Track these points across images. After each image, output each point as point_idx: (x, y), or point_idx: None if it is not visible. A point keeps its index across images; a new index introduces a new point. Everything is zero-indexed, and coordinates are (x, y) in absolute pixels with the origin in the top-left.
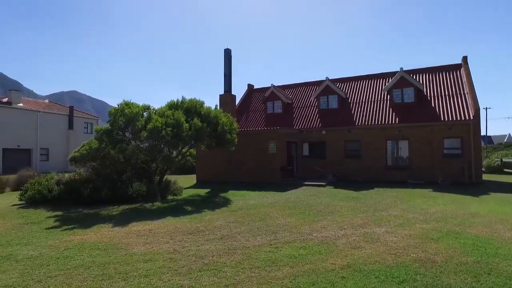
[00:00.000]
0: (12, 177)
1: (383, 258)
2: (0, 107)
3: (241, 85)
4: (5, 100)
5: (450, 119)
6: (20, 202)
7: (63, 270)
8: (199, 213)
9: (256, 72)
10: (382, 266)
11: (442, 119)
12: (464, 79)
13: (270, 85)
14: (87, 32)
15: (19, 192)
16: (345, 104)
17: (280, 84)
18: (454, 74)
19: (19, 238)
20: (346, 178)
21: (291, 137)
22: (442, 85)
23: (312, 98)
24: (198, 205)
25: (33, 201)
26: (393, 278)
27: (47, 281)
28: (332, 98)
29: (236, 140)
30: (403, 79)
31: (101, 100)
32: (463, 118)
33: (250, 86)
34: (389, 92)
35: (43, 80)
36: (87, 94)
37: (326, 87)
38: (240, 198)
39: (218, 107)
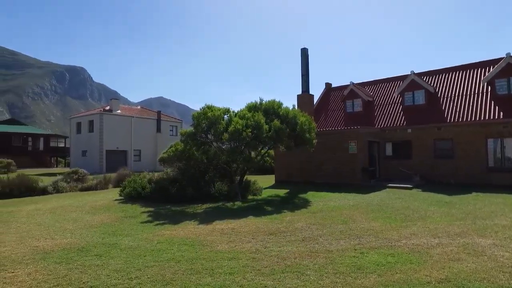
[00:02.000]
0: (113, 175)
1: (492, 275)
2: (104, 115)
3: (319, 84)
4: (107, 108)
5: None
6: (120, 198)
7: (157, 262)
8: (279, 213)
9: (333, 71)
10: (493, 286)
11: None
12: None
13: (349, 83)
14: (169, 42)
15: (119, 189)
16: (434, 100)
17: (359, 82)
18: None
19: (121, 229)
20: (436, 180)
21: (372, 136)
22: None
23: (395, 95)
24: (277, 205)
25: (130, 197)
26: None
27: (145, 270)
28: (419, 94)
29: (315, 140)
30: (510, 66)
31: (184, 105)
32: None
33: (328, 85)
34: (490, 83)
35: (135, 89)
36: (171, 99)
37: (411, 82)
38: (320, 200)
39: (296, 107)
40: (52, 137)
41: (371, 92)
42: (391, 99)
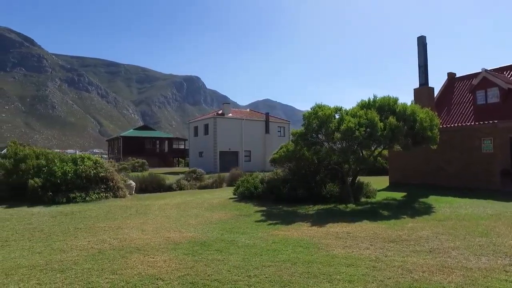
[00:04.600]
0: (226, 175)
1: None
2: (217, 118)
3: (438, 76)
4: (220, 112)
5: None
6: (233, 196)
7: (273, 262)
8: (398, 219)
9: (456, 59)
10: None
11: None
12: None
13: (480, 70)
14: (272, 47)
15: (232, 188)
16: None
17: (493, 67)
18: None
19: (237, 227)
20: None
21: None
22: None
23: None
24: (395, 210)
25: (243, 196)
26: None
27: (262, 269)
28: None
29: (438, 137)
30: None
31: (289, 105)
32: None
33: (450, 75)
34: None
35: (243, 92)
36: (277, 101)
37: None
38: (446, 205)
39: (414, 103)
40: (174, 140)
41: (511, 78)
42: None
